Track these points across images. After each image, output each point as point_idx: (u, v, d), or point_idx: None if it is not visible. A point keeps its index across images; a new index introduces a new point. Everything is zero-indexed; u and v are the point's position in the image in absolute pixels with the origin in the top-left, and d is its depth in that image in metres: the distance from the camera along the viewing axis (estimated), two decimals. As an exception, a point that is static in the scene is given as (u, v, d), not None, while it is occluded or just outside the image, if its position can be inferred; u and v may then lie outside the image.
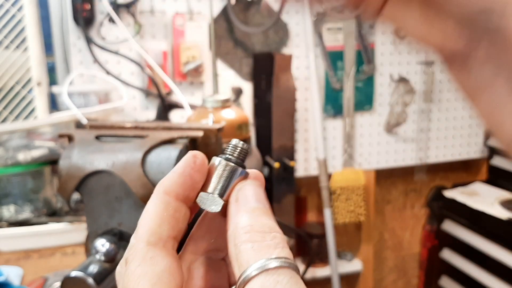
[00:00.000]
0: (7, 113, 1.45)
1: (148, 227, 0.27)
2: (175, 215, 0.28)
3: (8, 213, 1.15)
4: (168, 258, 0.27)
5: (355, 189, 2.02)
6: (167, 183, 0.29)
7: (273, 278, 0.23)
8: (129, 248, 0.28)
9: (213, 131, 0.70)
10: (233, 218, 0.27)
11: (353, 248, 2.21)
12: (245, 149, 0.30)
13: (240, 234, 0.26)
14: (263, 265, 0.24)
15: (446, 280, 2.21)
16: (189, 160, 0.29)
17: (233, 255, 0.26)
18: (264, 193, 0.29)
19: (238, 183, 0.29)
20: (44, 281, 0.95)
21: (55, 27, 1.69)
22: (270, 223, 0.26)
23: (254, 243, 0.25)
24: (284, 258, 0.24)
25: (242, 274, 0.24)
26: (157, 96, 1.59)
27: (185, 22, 1.72)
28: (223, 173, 0.29)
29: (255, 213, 0.27)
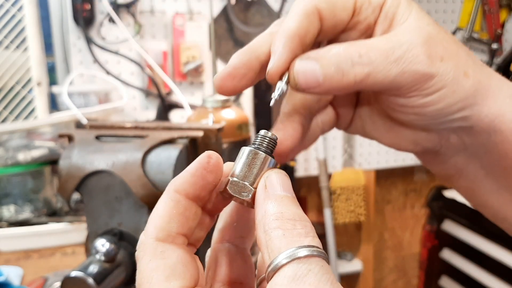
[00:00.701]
0: (7, 113, 1.45)
1: (157, 224, 0.27)
2: (185, 213, 0.28)
3: (8, 213, 1.15)
4: (179, 251, 0.27)
5: (355, 189, 2.02)
6: (179, 182, 0.29)
7: (305, 266, 0.23)
8: (139, 246, 0.28)
9: (213, 131, 0.70)
10: (262, 205, 0.27)
11: (353, 248, 2.21)
12: (273, 139, 0.30)
13: (270, 221, 0.25)
14: (294, 253, 0.24)
15: (446, 280, 2.21)
16: (203, 161, 0.29)
17: (263, 241, 0.25)
18: (290, 182, 0.29)
19: (266, 171, 0.29)
20: (44, 281, 0.95)
21: (55, 27, 1.69)
22: (299, 211, 0.26)
23: (285, 230, 0.25)
24: (316, 247, 0.24)
25: (272, 261, 0.24)
26: (157, 96, 1.59)
27: (185, 22, 1.72)
28: (254, 162, 0.29)
29: (284, 201, 0.27)
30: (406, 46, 0.29)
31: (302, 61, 0.29)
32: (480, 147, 0.33)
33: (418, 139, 0.34)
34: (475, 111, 0.31)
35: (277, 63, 0.29)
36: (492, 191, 0.35)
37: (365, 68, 0.29)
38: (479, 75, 0.31)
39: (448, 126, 0.32)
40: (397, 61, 0.29)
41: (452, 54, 0.30)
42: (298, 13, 0.30)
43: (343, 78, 0.29)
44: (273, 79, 0.30)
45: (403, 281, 2.38)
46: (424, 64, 0.29)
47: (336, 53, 0.29)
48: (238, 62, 0.30)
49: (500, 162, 0.32)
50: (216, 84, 0.31)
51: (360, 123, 0.36)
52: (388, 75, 0.29)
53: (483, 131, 0.32)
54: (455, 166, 0.35)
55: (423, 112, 0.31)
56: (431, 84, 0.30)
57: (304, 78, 0.29)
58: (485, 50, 2.14)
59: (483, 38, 2.10)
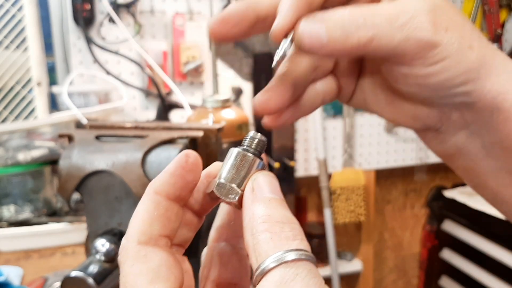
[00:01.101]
0: (7, 113, 1.45)
1: (138, 227, 0.27)
2: (166, 214, 0.28)
3: (8, 213, 1.15)
4: (162, 253, 0.27)
5: (355, 189, 2.02)
6: (158, 183, 0.28)
7: (292, 270, 0.23)
8: (121, 250, 0.27)
9: (213, 131, 0.70)
10: (249, 208, 0.27)
11: (353, 248, 2.21)
12: (263, 141, 0.30)
13: (258, 224, 0.25)
14: (281, 257, 0.23)
15: (446, 280, 2.21)
16: (181, 160, 0.29)
17: (250, 245, 0.25)
18: (278, 185, 0.28)
19: (253, 173, 0.29)
20: (44, 281, 0.95)
21: (55, 27, 1.69)
22: (287, 214, 0.26)
23: (272, 234, 0.25)
24: (303, 250, 0.24)
25: (260, 265, 0.24)
26: (157, 96, 1.59)
27: (185, 22, 1.72)
28: (241, 164, 0.29)
29: (272, 203, 0.26)
30: (412, 13, 0.29)
31: (307, 21, 0.29)
32: (482, 125, 0.32)
33: (419, 114, 0.34)
34: (478, 86, 0.30)
35: (283, 21, 0.29)
36: (491, 171, 0.34)
37: (369, 32, 0.29)
38: (484, 50, 0.30)
39: (450, 101, 0.32)
40: (401, 27, 0.29)
41: (458, 26, 0.30)
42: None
43: (347, 41, 0.29)
44: (277, 37, 0.30)
45: (403, 281, 2.38)
46: (429, 32, 0.29)
47: (341, 15, 0.29)
48: (234, 9, 0.31)
49: (501, 142, 0.32)
50: (210, 28, 0.31)
51: (362, 96, 0.36)
52: (392, 40, 0.29)
53: (485, 108, 0.31)
54: (456, 144, 0.35)
55: (425, 83, 0.31)
56: (435, 53, 0.29)
57: (309, 38, 0.29)
58: (485, 50, 2.14)
59: (483, 38, 2.10)
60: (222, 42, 0.32)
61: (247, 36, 0.32)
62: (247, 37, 0.32)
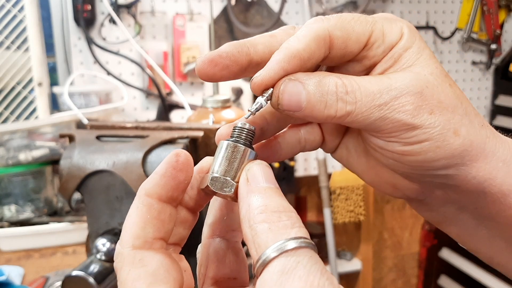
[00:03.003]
0: (8, 113, 1.45)
1: (131, 232, 0.27)
2: (160, 216, 0.28)
3: (9, 213, 1.16)
4: (158, 256, 0.26)
5: (355, 188, 2.03)
6: (149, 185, 0.28)
7: (293, 259, 0.23)
8: (116, 256, 0.27)
9: (213, 131, 0.70)
10: (245, 199, 0.26)
11: (352, 248, 2.21)
12: (251, 130, 0.30)
13: (255, 215, 0.25)
14: (282, 246, 0.23)
15: (445, 279, 2.21)
16: (171, 160, 0.28)
17: (249, 237, 0.25)
18: (272, 173, 0.28)
19: (246, 164, 0.28)
20: (45, 280, 0.96)
21: (56, 28, 1.69)
22: (284, 202, 0.26)
23: (270, 223, 0.24)
24: (303, 238, 0.24)
25: (261, 257, 0.24)
26: (157, 97, 1.59)
27: (185, 23, 1.72)
28: (233, 156, 0.28)
29: (268, 193, 0.26)
30: (395, 93, 0.28)
31: (290, 82, 0.28)
32: (469, 203, 0.32)
33: (399, 185, 0.33)
34: (462, 171, 0.29)
35: (265, 76, 0.28)
36: (485, 239, 0.33)
37: (347, 106, 0.28)
38: (472, 136, 0.29)
39: (431, 180, 0.31)
40: (381, 106, 0.28)
41: (446, 109, 0.29)
42: (308, 34, 0.28)
43: (324, 110, 0.28)
44: (256, 90, 0.29)
45: (402, 280, 2.38)
46: (408, 114, 0.28)
47: (325, 83, 0.28)
48: (226, 51, 0.29)
49: (492, 217, 0.31)
50: (197, 66, 0.30)
51: (345, 153, 0.35)
52: (368, 117, 0.28)
53: (470, 192, 0.30)
54: (444, 215, 0.34)
55: (402, 160, 0.30)
56: (413, 135, 0.28)
57: (288, 99, 0.28)
58: (484, 51, 2.14)
59: (482, 39, 2.11)
60: (208, 81, 0.31)
61: (236, 78, 0.30)
62: (236, 79, 0.31)
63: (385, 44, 0.30)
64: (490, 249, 0.34)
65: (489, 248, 0.34)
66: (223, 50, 0.29)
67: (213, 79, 0.30)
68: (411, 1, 2.02)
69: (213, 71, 0.29)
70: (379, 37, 0.29)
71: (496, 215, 0.31)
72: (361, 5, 1.89)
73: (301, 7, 1.87)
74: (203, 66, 0.29)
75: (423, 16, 2.04)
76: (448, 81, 0.30)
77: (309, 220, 2.14)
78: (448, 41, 2.09)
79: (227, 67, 0.29)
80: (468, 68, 2.15)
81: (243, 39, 0.30)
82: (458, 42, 2.11)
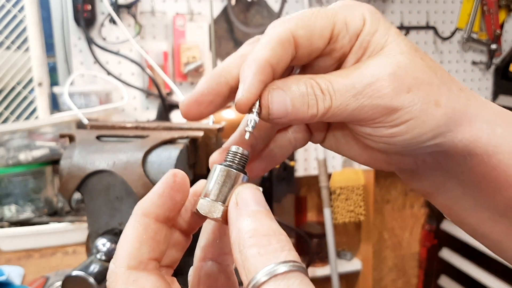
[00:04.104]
0: (8, 113, 1.45)
1: (127, 251, 0.26)
2: (155, 237, 0.27)
3: (10, 213, 1.16)
4: (152, 278, 0.26)
5: (355, 188, 2.03)
6: (146, 204, 0.28)
7: (283, 282, 0.23)
8: (109, 275, 0.27)
9: (213, 131, 0.70)
10: (235, 223, 0.26)
11: (352, 248, 2.21)
12: (245, 155, 0.30)
13: (245, 239, 0.25)
14: (272, 271, 0.23)
15: (445, 279, 2.21)
16: (169, 180, 0.28)
17: (239, 261, 0.25)
18: (263, 196, 0.28)
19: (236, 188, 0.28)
20: (45, 280, 0.96)
21: (56, 28, 1.69)
22: (273, 225, 0.26)
23: (260, 248, 0.24)
24: (293, 261, 0.24)
25: (251, 281, 0.24)
26: (157, 97, 1.59)
27: (185, 23, 1.72)
28: (225, 180, 0.28)
29: (257, 216, 0.26)
30: (368, 80, 0.28)
31: (274, 91, 0.28)
32: (457, 168, 0.32)
33: (392, 161, 0.34)
34: (448, 137, 0.30)
35: (247, 93, 0.28)
36: (470, 208, 0.34)
37: (325, 103, 0.28)
38: (453, 102, 0.30)
39: (421, 151, 0.31)
40: (355, 96, 0.28)
41: (422, 83, 0.29)
42: (272, 40, 0.28)
43: (308, 111, 0.28)
44: (243, 110, 0.29)
45: (403, 280, 2.38)
46: (386, 98, 0.28)
47: (302, 86, 0.29)
48: (206, 88, 0.29)
49: (477, 182, 0.32)
50: (182, 110, 0.30)
51: (334, 141, 0.35)
52: (346, 109, 0.28)
53: (458, 155, 0.31)
54: (433, 183, 0.35)
55: (392, 142, 0.30)
56: (396, 117, 0.29)
57: (277, 108, 0.28)
58: (484, 51, 2.14)
59: (482, 39, 2.11)
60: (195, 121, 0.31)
61: (221, 108, 0.31)
62: (221, 108, 0.31)
63: (350, 33, 0.30)
64: (475, 219, 0.34)
65: (474, 218, 0.34)
66: (203, 88, 0.29)
67: (200, 118, 0.30)
68: (411, 1, 2.02)
69: (199, 110, 0.29)
70: (342, 27, 0.30)
71: (482, 179, 0.31)
72: (361, 5, 1.88)
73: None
74: (188, 109, 0.29)
75: (423, 16, 2.04)
76: (419, 55, 0.30)
77: (309, 220, 2.14)
78: (448, 41, 2.09)
79: (211, 103, 0.29)
80: (468, 68, 2.15)
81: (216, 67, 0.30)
82: (458, 42, 2.11)
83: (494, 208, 0.33)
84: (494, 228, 0.34)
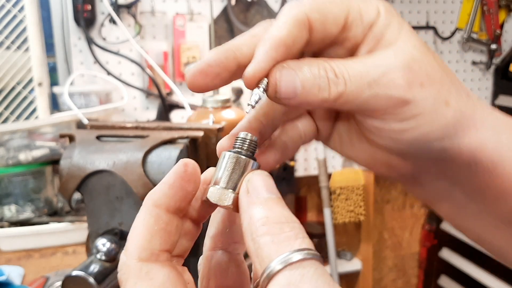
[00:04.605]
0: (8, 113, 1.45)
1: (138, 243, 0.26)
2: (167, 228, 0.27)
3: (9, 213, 1.16)
4: (164, 269, 0.26)
5: (355, 188, 2.03)
6: (157, 195, 0.27)
7: (298, 271, 0.23)
8: (121, 267, 0.26)
9: (213, 131, 0.71)
10: (247, 211, 0.26)
11: (352, 248, 2.21)
12: (254, 141, 0.29)
13: (257, 227, 0.24)
14: (286, 259, 0.23)
15: (445, 279, 2.21)
16: (180, 170, 0.28)
17: (252, 250, 0.24)
18: (273, 182, 0.27)
19: (246, 174, 0.28)
20: (45, 280, 0.96)
21: (56, 28, 1.69)
22: (286, 213, 0.25)
23: (273, 236, 0.24)
24: (307, 249, 0.23)
25: (265, 270, 0.23)
26: (157, 97, 1.59)
27: (185, 23, 1.72)
28: (234, 167, 0.28)
29: (269, 203, 0.26)
30: (383, 69, 0.28)
31: (283, 70, 0.28)
32: (461, 176, 0.32)
33: (394, 164, 0.33)
34: (455, 141, 0.30)
35: (257, 68, 0.28)
36: (474, 215, 0.34)
37: (339, 87, 0.28)
38: (462, 105, 0.29)
39: (426, 155, 0.31)
40: (370, 83, 0.28)
41: (434, 81, 0.29)
42: (287, 20, 0.28)
43: (318, 93, 0.28)
44: (250, 84, 0.28)
45: (403, 280, 2.38)
46: (400, 89, 0.28)
47: (315, 68, 0.28)
48: (214, 60, 0.28)
49: (482, 190, 0.32)
50: (187, 80, 0.29)
51: (338, 140, 0.35)
52: (359, 96, 0.28)
53: (463, 162, 0.30)
54: (436, 191, 0.34)
55: (399, 137, 0.30)
56: (407, 110, 0.28)
57: (285, 88, 0.28)
58: (484, 51, 2.14)
59: (482, 39, 2.11)
60: (200, 92, 0.30)
61: (226, 84, 0.30)
62: (226, 84, 0.30)
63: (364, 23, 0.29)
64: (479, 225, 0.34)
65: (477, 225, 0.34)
66: (211, 59, 0.29)
67: (205, 89, 0.29)
68: (411, 1, 2.02)
69: (205, 82, 0.29)
70: (356, 17, 0.29)
71: (486, 187, 0.31)
72: (361, 5, 1.89)
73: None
74: (194, 79, 0.29)
75: (423, 16, 2.04)
76: (431, 53, 0.30)
77: (309, 220, 2.14)
78: (448, 41, 2.09)
79: (218, 75, 0.29)
80: (468, 68, 2.15)
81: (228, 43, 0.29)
82: (458, 42, 2.11)
83: (499, 215, 0.33)
84: (498, 234, 0.34)
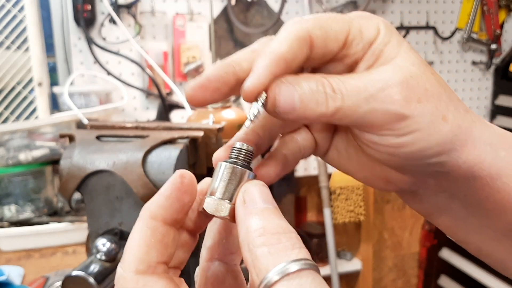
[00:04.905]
0: (8, 113, 1.45)
1: (135, 255, 0.26)
2: (163, 240, 0.27)
3: (9, 213, 1.16)
4: (161, 282, 0.26)
5: (355, 188, 2.03)
6: (154, 207, 0.27)
7: (295, 282, 0.23)
8: (118, 280, 0.26)
9: (213, 131, 0.70)
10: (243, 221, 0.26)
11: (352, 248, 2.21)
12: (250, 151, 0.29)
13: (254, 238, 0.25)
14: (283, 270, 0.23)
15: (445, 279, 2.21)
16: (176, 181, 0.28)
17: (249, 261, 0.25)
18: (270, 192, 0.27)
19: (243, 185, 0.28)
20: (45, 280, 0.96)
21: (56, 28, 1.69)
22: (282, 223, 0.25)
23: (270, 247, 0.24)
24: (304, 259, 0.24)
25: (262, 281, 0.23)
26: (157, 96, 1.59)
27: (185, 23, 1.72)
28: (230, 177, 0.28)
29: (266, 214, 0.26)
30: (380, 85, 0.28)
31: (282, 84, 0.28)
32: (460, 190, 0.32)
33: (392, 178, 0.33)
34: (453, 157, 0.30)
35: (256, 82, 0.28)
36: (474, 228, 0.34)
37: (336, 102, 0.28)
38: (459, 120, 0.30)
39: (424, 170, 0.31)
40: (367, 98, 0.28)
41: (432, 96, 0.29)
42: (289, 36, 0.28)
43: (316, 108, 0.28)
44: (249, 98, 0.28)
45: (402, 280, 2.38)
46: (397, 104, 0.28)
47: (313, 83, 0.28)
48: (213, 75, 0.29)
49: (481, 204, 0.32)
50: (187, 94, 0.29)
51: (336, 155, 0.35)
52: (357, 111, 0.28)
53: (461, 177, 0.31)
54: (435, 205, 0.34)
55: (396, 153, 0.30)
56: (404, 125, 0.28)
57: (284, 101, 0.28)
58: (484, 51, 2.14)
59: (482, 39, 2.11)
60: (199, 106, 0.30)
61: (225, 98, 0.30)
62: (225, 99, 0.31)
63: (364, 40, 0.30)
64: (479, 239, 0.34)
65: (477, 238, 0.34)
66: (211, 74, 0.29)
67: (204, 103, 0.29)
68: (411, 1, 2.02)
69: (204, 96, 0.29)
70: (357, 34, 0.30)
71: (486, 201, 0.31)
72: (361, 5, 1.89)
73: (301, 7, 1.87)
74: (194, 93, 0.29)
75: (423, 16, 2.04)
76: (430, 70, 0.30)
77: (309, 220, 2.14)
78: (448, 41, 2.09)
79: (217, 90, 0.29)
80: (468, 68, 2.15)
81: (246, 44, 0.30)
82: (458, 42, 2.11)
83: (499, 228, 0.33)
84: (498, 247, 0.34)
